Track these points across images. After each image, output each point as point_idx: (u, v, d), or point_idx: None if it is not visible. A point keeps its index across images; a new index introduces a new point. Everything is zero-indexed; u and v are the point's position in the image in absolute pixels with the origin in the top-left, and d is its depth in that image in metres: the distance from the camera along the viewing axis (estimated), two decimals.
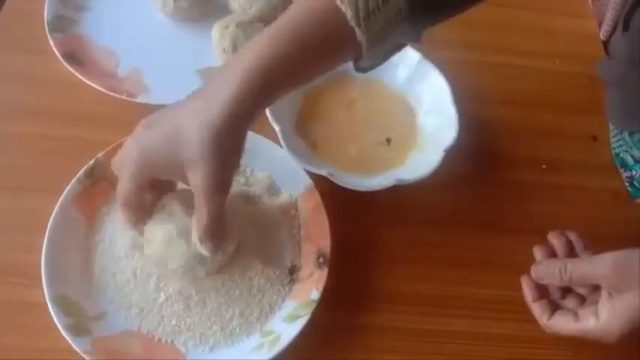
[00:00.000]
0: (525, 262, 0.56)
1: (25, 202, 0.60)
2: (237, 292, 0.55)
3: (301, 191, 0.61)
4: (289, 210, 0.60)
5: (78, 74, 0.66)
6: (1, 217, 0.60)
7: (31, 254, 0.54)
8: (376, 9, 0.44)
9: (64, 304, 0.52)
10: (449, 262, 0.62)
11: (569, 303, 0.53)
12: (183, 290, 0.54)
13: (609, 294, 0.49)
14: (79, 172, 0.58)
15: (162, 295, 0.54)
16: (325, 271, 0.56)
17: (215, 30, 0.70)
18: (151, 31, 0.74)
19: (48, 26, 0.69)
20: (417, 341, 0.57)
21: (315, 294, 0.55)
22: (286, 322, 0.54)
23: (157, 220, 0.52)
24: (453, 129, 0.63)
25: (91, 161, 0.59)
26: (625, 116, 0.67)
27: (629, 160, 0.68)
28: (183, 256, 0.51)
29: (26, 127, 0.65)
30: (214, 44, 0.70)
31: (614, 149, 0.71)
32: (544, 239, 0.57)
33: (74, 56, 0.68)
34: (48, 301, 0.52)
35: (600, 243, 0.53)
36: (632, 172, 0.68)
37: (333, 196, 0.60)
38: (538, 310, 0.53)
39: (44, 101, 0.67)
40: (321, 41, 0.45)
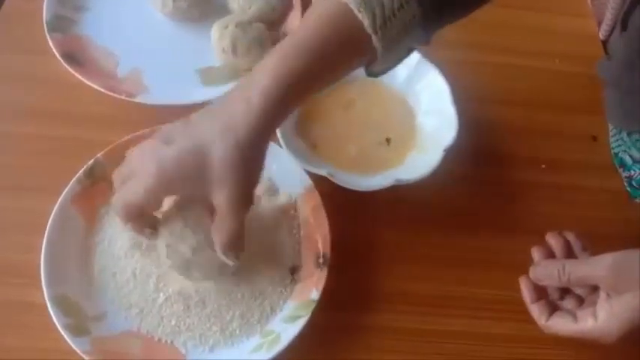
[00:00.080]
0: (525, 262, 0.56)
1: (25, 202, 0.60)
2: (239, 295, 0.55)
3: (301, 191, 0.61)
4: (289, 210, 0.60)
5: (77, 74, 0.66)
6: (1, 217, 0.60)
7: (31, 254, 0.55)
8: (392, 15, 0.44)
9: (63, 304, 0.52)
10: (449, 262, 0.62)
11: (567, 304, 0.53)
12: (182, 291, 0.54)
13: (607, 295, 0.49)
14: (78, 173, 0.58)
15: (161, 296, 0.54)
16: (325, 271, 0.56)
17: (214, 30, 0.70)
18: (151, 31, 0.73)
19: (47, 26, 0.69)
20: (417, 341, 0.57)
21: (315, 294, 0.55)
22: (286, 323, 0.54)
23: (174, 228, 0.51)
24: (452, 129, 0.63)
25: (91, 161, 0.59)
26: (624, 116, 0.67)
27: (627, 160, 0.68)
28: (207, 265, 0.51)
29: (25, 128, 0.65)
30: (214, 44, 0.70)
31: (613, 149, 0.70)
32: (543, 239, 0.57)
33: (73, 56, 0.68)
34: (47, 302, 0.52)
35: (600, 243, 0.53)
36: (631, 172, 0.67)
37: (332, 196, 0.60)
38: (537, 311, 0.53)
39: (43, 101, 0.67)
40: (338, 50, 0.45)
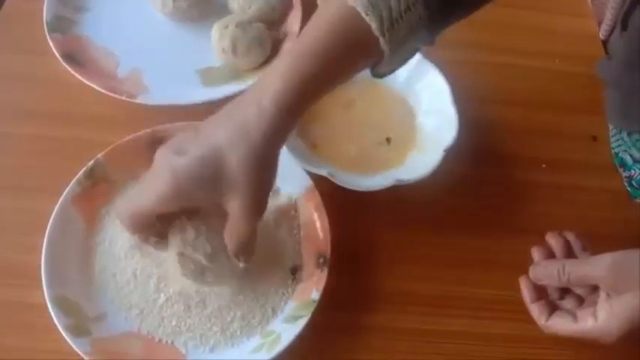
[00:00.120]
0: (525, 262, 0.56)
1: (25, 203, 0.60)
2: (240, 296, 0.55)
3: (301, 191, 0.60)
4: (289, 210, 0.60)
5: (77, 75, 0.66)
6: (1, 218, 0.60)
7: (31, 255, 0.54)
8: (399, 18, 0.44)
9: (64, 304, 0.52)
10: (449, 262, 0.62)
11: (567, 304, 0.53)
12: (183, 291, 0.54)
13: (607, 295, 0.49)
14: (78, 173, 0.58)
15: (162, 296, 0.54)
16: (325, 272, 0.56)
17: (214, 30, 0.70)
18: (151, 32, 0.73)
19: (47, 27, 0.69)
20: (417, 341, 0.57)
21: (316, 294, 0.55)
22: (287, 323, 0.54)
23: (186, 237, 0.51)
24: (452, 129, 0.63)
25: (91, 162, 0.59)
26: (624, 116, 0.67)
27: (628, 160, 0.68)
28: (221, 270, 0.52)
29: (25, 128, 0.65)
30: (214, 44, 0.70)
31: (613, 149, 0.70)
32: (543, 239, 0.57)
33: (73, 57, 0.68)
34: (48, 302, 0.52)
35: (600, 243, 0.53)
36: (631, 171, 0.67)
37: (333, 197, 0.60)
38: (536, 311, 0.53)
39: (43, 102, 0.67)
40: (346, 53, 0.46)
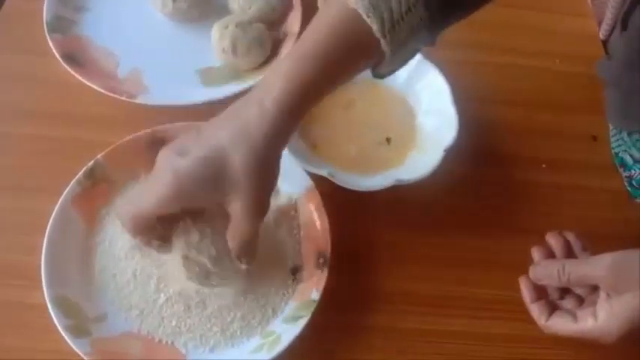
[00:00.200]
0: (525, 262, 0.56)
1: (25, 203, 0.60)
2: (241, 297, 0.55)
3: (301, 192, 0.60)
4: (289, 211, 0.60)
5: (77, 75, 0.66)
6: (1, 218, 0.60)
7: (31, 256, 0.55)
8: (400, 19, 0.44)
9: (64, 305, 0.52)
10: (449, 262, 0.62)
11: (567, 304, 0.53)
12: (183, 291, 0.54)
13: (607, 295, 0.49)
14: (78, 173, 0.58)
15: (162, 297, 0.54)
16: (325, 272, 0.56)
17: (214, 30, 0.70)
18: (151, 32, 0.73)
19: (47, 27, 0.69)
20: (417, 341, 0.57)
21: (316, 294, 0.55)
22: (287, 323, 0.54)
23: (190, 240, 0.50)
24: (452, 129, 0.63)
25: (91, 162, 0.59)
26: (624, 116, 0.67)
27: (628, 160, 0.68)
28: (226, 273, 0.52)
29: (25, 128, 0.65)
30: (214, 44, 0.70)
31: (613, 149, 0.70)
32: (543, 239, 0.57)
33: (73, 57, 0.68)
34: (48, 303, 0.52)
35: (600, 243, 0.53)
36: (631, 171, 0.67)
37: (333, 197, 0.60)
38: (536, 311, 0.53)
39: (43, 102, 0.67)
40: (347, 54, 0.46)
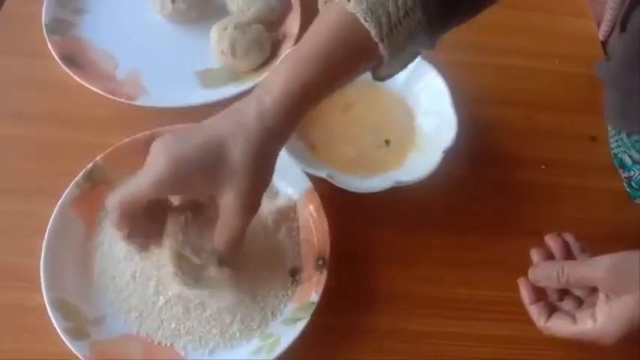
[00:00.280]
0: (524, 263, 0.55)
1: (24, 206, 0.60)
2: (240, 299, 0.55)
3: (300, 193, 0.60)
4: (288, 212, 0.60)
5: (76, 77, 0.66)
6: (0, 221, 0.60)
7: (31, 258, 0.55)
8: (398, 23, 0.45)
9: (63, 307, 0.52)
10: (448, 264, 0.62)
11: (566, 305, 0.53)
12: (182, 294, 0.54)
13: (606, 296, 0.48)
14: (77, 176, 0.58)
15: (161, 299, 0.54)
16: (324, 273, 0.56)
17: (213, 32, 0.70)
18: (150, 33, 0.74)
19: (46, 29, 0.69)
20: (416, 342, 0.57)
21: (315, 296, 0.55)
22: (286, 325, 0.54)
23: (178, 235, 0.50)
24: (451, 130, 0.63)
25: (90, 164, 0.59)
26: (623, 117, 0.67)
27: (627, 161, 0.68)
28: (215, 274, 0.51)
29: (24, 130, 0.65)
30: (213, 46, 0.70)
31: (612, 150, 0.70)
32: (543, 240, 0.57)
33: (72, 59, 0.68)
34: (47, 305, 0.52)
35: (599, 244, 0.53)
36: (631, 172, 0.67)
37: (332, 198, 0.60)
38: (535, 313, 0.52)
39: (42, 104, 0.67)
40: (346, 58, 0.46)
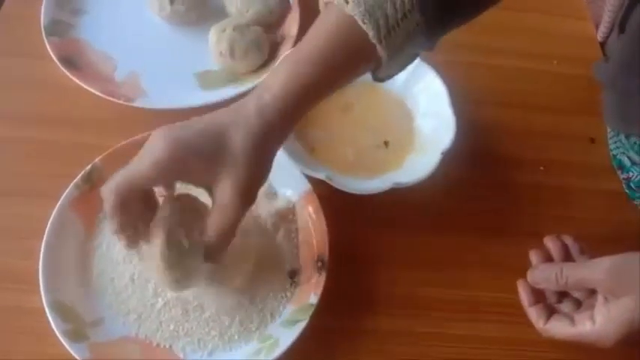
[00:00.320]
0: (523, 265, 0.56)
1: (22, 207, 0.60)
2: (239, 301, 0.55)
3: (299, 195, 0.60)
4: (287, 214, 0.60)
5: (75, 78, 0.66)
6: None
7: (29, 260, 0.55)
8: (395, 25, 0.45)
9: (61, 309, 0.52)
10: (448, 265, 0.62)
11: (565, 307, 0.53)
12: (181, 295, 0.54)
13: (605, 298, 0.48)
14: (76, 177, 0.58)
15: (160, 301, 0.54)
16: (323, 275, 0.56)
17: (212, 33, 0.70)
18: (148, 35, 0.73)
19: (44, 30, 0.69)
20: (416, 344, 0.57)
21: (314, 298, 0.54)
22: (285, 327, 0.54)
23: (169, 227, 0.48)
24: (450, 131, 0.62)
25: (88, 166, 0.59)
26: (621, 118, 0.67)
27: (626, 162, 0.68)
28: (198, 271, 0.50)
29: (23, 132, 0.65)
30: (211, 47, 0.70)
31: (611, 151, 0.70)
32: (541, 241, 0.57)
33: (71, 60, 0.68)
34: (46, 307, 0.52)
35: (598, 245, 0.53)
36: (629, 174, 0.67)
37: (331, 200, 0.60)
38: (534, 315, 0.52)
39: (41, 106, 0.67)
40: (345, 59, 0.47)
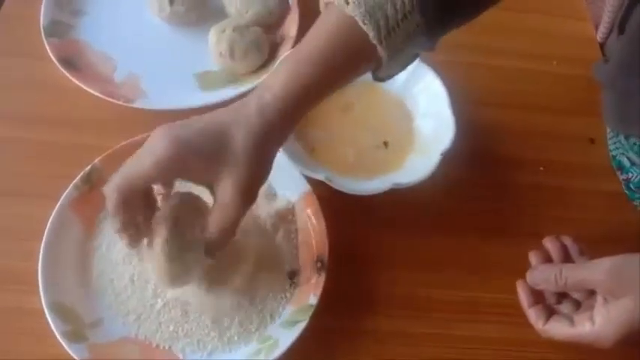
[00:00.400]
0: (523, 265, 0.56)
1: (22, 208, 0.60)
2: (237, 302, 0.55)
3: (299, 196, 0.60)
4: (287, 215, 0.60)
5: (74, 79, 0.66)
6: None
7: (29, 261, 0.55)
8: (396, 26, 0.45)
9: (61, 310, 0.52)
10: (447, 266, 0.62)
11: (564, 308, 0.53)
12: (181, 296, 0.54)
13: (605, 299, 0.49)
14: (75, 178, 0.58)
15: (159, 302, 0.54)
16: (323, 276, 0.56)
17: (212, 34, 0.70)
18: (148, 36, 0.73)
19: (44, 31, 0.69)
20: (416, 345, 0.57)
21: (313, 299, 0.54)
22: (284, 328, 0.54)
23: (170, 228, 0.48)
24: (450, 132, 0.62)
25: (88, 167, 0.59)
26: (620, 119, 0.67)
27: (625, 163, 0.68)
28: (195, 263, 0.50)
29: (22, 132, 0.65)
30: (211, 48, 0.70)
31: (611, 152, 0.70)
32: (541, 242, 0.57)
33: (70, 61, 0.68)
34: (45, 308, 0.52)
35: (597, 246, 0.53)
36: (629, 174, 0.67)
37: (330, 201, 0.60)
38: (534, 316, 0.53)
39: (40, 106, 0.67)
40: (346, 59, 0.47)
